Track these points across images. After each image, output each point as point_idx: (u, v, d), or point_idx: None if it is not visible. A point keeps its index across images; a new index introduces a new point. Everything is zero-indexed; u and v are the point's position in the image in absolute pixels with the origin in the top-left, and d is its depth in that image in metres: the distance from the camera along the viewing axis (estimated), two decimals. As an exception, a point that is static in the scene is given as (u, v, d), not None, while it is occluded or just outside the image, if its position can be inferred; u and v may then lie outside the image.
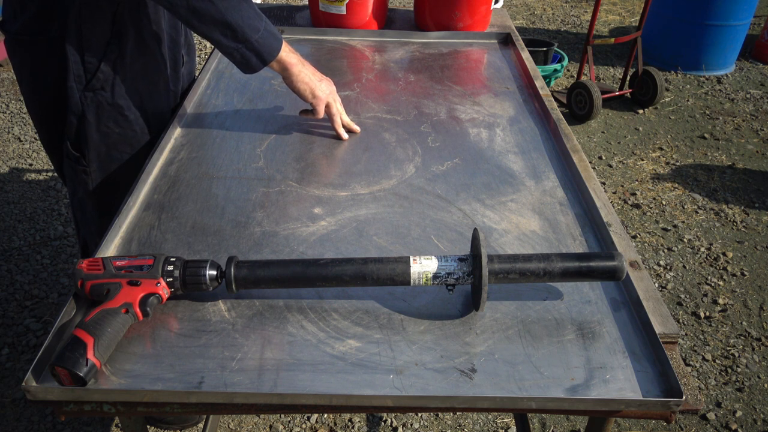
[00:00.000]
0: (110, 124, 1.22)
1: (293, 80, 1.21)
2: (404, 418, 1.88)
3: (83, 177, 1.26)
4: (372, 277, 0.82)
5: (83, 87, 1.17)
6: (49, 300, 2.24)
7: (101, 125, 1.21)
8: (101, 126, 1.21)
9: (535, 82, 1.51)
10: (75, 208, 1.36)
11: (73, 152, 1.23)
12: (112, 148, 1.25)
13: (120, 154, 1.27)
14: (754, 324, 2.25)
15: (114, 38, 1.16)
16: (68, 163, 1.26)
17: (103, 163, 1.26)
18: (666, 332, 0.84)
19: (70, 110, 1.18)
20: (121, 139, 1.25)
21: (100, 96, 1.18)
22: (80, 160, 1.24)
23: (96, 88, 1.18)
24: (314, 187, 1.13)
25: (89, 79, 1.17)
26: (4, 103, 3.65)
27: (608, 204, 1.07)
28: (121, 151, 1.27)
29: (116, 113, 1.22)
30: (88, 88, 1.17)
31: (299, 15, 1.99)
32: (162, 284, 0.81)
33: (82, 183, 1.27)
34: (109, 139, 1.23)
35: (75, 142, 1.22)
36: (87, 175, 1.26)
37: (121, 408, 0.75)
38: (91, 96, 1.18)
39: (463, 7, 1.79)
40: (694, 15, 4.10)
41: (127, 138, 1.26)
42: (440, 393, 0.74)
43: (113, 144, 1.25)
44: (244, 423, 1.85)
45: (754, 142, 3.51)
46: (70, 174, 1.28)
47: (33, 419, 1.82)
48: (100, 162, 1.25)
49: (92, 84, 1.17)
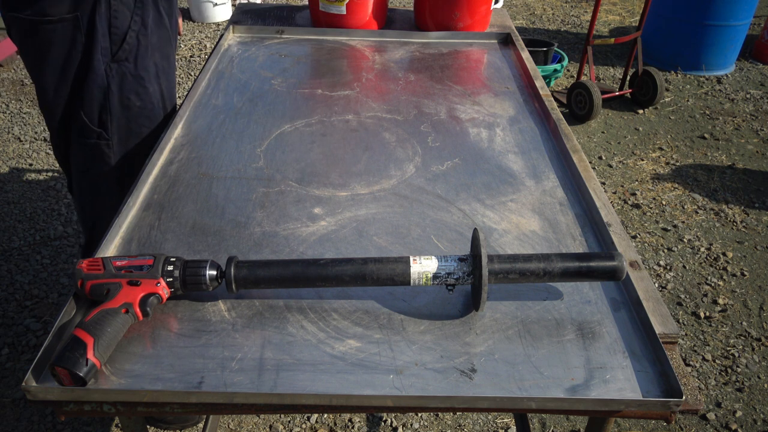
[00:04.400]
0: (132, 96, 1.29)
1: None
2: (404, 418, 1.87)
3: (104, 151, 1.32)
4: (372, 277, 0.82)
5: (109, 59, 1.24)
6: (49, 300, 2.24)
7: (123, 98, 1.28)
8: (123, 99, 1.28)
9: (535, 82, 1.51)
10: (83, 190, 1.41)
11: (95, 128, 1.29)
12: (132, 121, 1.32)
13: (139, 128, 1.34)
14: (754, 324, 2.25)
15: (137, 8, 1.23)
16: (82, 143, 1.31)
17: (123, 136, 1.33)
18: (666, 332, 0.84)
19: (95, 84, 1.24)
20: (140, 112, 1.32)
21: (124, 67, 1.26)
22: (102, 134, 1.30)
23: (121, 59, 1.25)
24: (314, 187, 1.13)
25: (115, 51, 1.24)
26: (4, 103, 3.65)
27: (608, 204, 1.07)
28: (140, 125, 1.34)
29: (137, 85, 1.29)
30: (114, 59, 1.24)
31: (299, 15, 1.99)
32: (162, 284, 0.81)
33: (99, 159, 1.33)
34: (130, 112, 1.31)
35: (98, 117, 1.28)
36: (109, 149, 1.32)
37: (121, 408, 0.75)
38: (116, 67, 1.25)
39: (463, 7, 1.79)
40: (694, 15, 4.10)
41: (145, 111, 1.33)
42: (440, 393, 0.74)
43: (134, 117, 1.32)
44: (244, 423, 1.85)
45: (754, 142, 3.51)
46: (83, 153, 1.33)
47: (33, 419, 1.82)
48: (120, 135, 1.32)
49: (118, 55, 1.24)
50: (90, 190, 1.39)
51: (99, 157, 1.33)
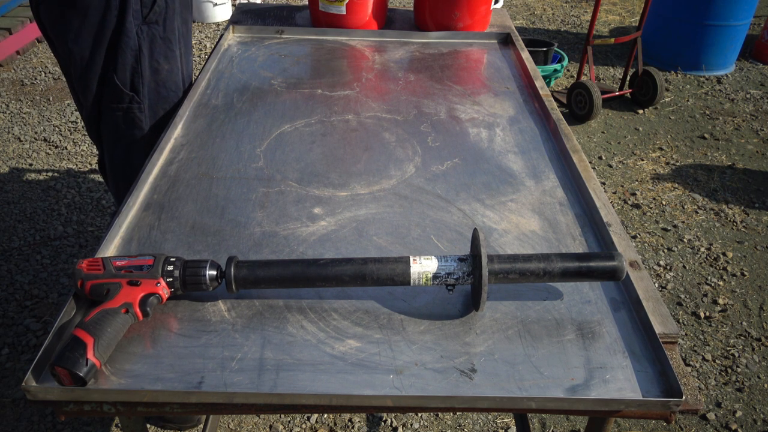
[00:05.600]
0: (161, 59, 1.36)
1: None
2: (404, 418, 1.88)
3: (137, 115, 1.38)
4: (372, 277, 0.82)
5: (140, 22, 1.30)
6: (49, 300, 2.24)
7: (153, 61, 1.35)
8: (153, 62, 1.35)
9: (535, 82, 1.51)
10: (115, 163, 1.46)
11: (129, 92, 1.35)
12: (161, 86, 1.39)
13: (167, 92, 1.41)
14: (754, 324, 2.25)
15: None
16: (114, 108, 1.36)
17: (153, 100, 1.39)
18: (666, 332, 0.84)
19: (128, 47, 1.30)
20: (168, 76, 1.39)
21: (154, 29, 1.33)
22: (134, 98, 1.36)
23: (151, 22, 1.31)
24: (314, 187, 1.13)
25: (146, 14, 1.30)
26: (4, 103, 3.65)
27: (608, 204, 1.07)
28: (168, 89, 1.40)
29: (166, 48, 1.36)
30: (145, 21, 1.30)
31: (299, 15, 1.99)
32: (162, 284, 0.81)
33: (131, 124, 1.38)
34: (159, 76, 1.37)
35: (129, 81, 1.34)
36: (141, 112, 1.38)
37: (121, 408, 0.75)
38: (146, 30, 1.31)
39: (463, 7, 1.79)
40: (694, 15, 4.10)
41: (172, 74, 1.40)
42: (440, 393, 0.74)
43: (162, 81, 1.38)
44: (244, 423, 1.85)
45: (754, 142, 3.51)
46: (115, 120, 1.38)
47: (33, 419, 1.82)
48: (151, 99, 1.38)
49: (149, 17, 1.30)
50: (122, 162, 1.45)
51: (131, 122, 1.38)
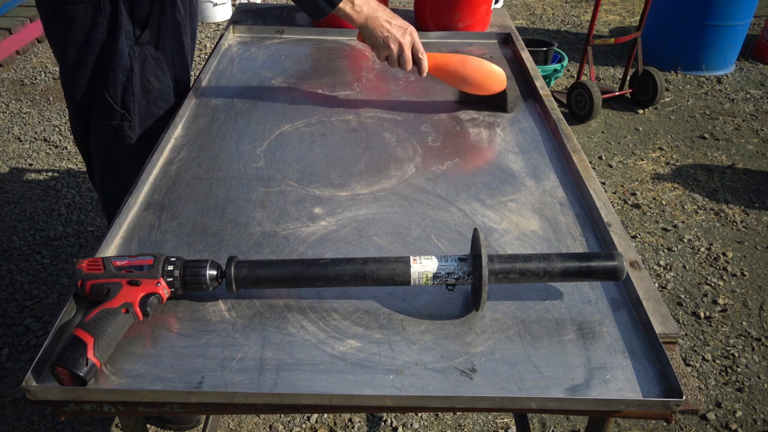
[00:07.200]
0: (152, 78, 1.36)
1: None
2: (404, 418, 1.88)
3: (127, 132, 1.38)
4: (372, 277, 0.82)
5: (132, 42, 1.30)
6: (49, 300, 2.24)
7: (144, 80, 1.35)
8: (144, 81, 1.35)
9: (535, 82, 1.51)
10: (106, 177, 1.46)
11: (120, 109, 1.35)
12: (152, 104, 1.39)
13: (157, 110, 1.40)
14: (754, 324, 2.25)
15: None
16: (105, 125, 1.37)
17: (143, 118, 1.39)
18: (666, 332, 0.84)
19: (119, 66, 1.31)
20: (159, 94, 1.39)
21: (146, 50, 1.34)
22: (125, 115, 1.36)
23: (143, 42, 1.32)
24: (314, 187, 1.13)
25: (138, 36, 1.30)
26: (4, 103, 3.65)
27: (608, 204, 1.07)
28: (159, 107, 1.40)
29: (157, 67, 1.36)
30: (137, 42, 1.31)
31: (299, 15, 1.99)
32: (162, 284, 0.81)
33: (121, 141, 1.39)
34: (150, 95, 1.37)
35: (121, 99, 1.34)
36: (131, 130, 1.38)
37: (121, 408, 0.75)
38: (138, 50, 1.32)
39: (463, 7, 1.79)
40: (694, 15, 4.10)
41: (163, 93, 1.40)
42: (440, 393, 0.74)
43: (153, 99, 1.38)
44: (244, 423, 1.85)
45: (754, 142, 3.51)
46: (105, 137, 1.38)
47: (33, 419, 1.82)
48: (141, 117, 1.38)
49: (141, 38, 1.31)
50: (113, 176, 1.45)
51: (121, 139, 1.38)
